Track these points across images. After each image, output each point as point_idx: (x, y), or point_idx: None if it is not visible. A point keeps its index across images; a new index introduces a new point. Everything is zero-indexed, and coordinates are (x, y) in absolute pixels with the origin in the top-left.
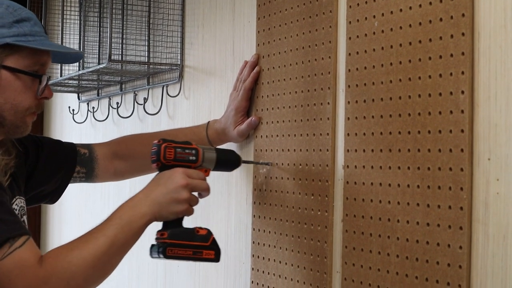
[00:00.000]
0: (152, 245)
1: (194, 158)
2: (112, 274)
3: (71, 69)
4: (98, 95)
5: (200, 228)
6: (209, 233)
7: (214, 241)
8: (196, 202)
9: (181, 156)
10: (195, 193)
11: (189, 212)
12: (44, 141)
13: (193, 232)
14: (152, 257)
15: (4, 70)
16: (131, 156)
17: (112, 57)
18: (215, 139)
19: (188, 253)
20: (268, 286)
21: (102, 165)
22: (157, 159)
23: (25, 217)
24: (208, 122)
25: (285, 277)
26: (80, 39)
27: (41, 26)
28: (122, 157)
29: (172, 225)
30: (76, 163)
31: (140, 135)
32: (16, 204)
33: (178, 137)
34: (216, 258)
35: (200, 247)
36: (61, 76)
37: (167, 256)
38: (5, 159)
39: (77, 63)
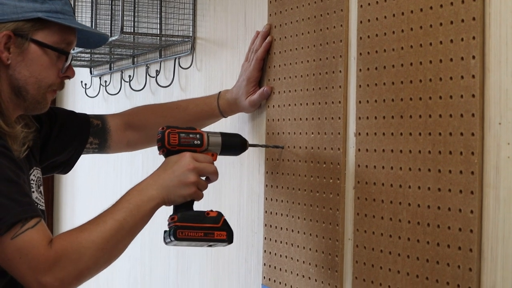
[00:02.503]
0: (165, 231)
1: (199, 142)
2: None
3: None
4: (110, 69)
5: (211, 211)
6: (219, 214)
7: (225, 222)
8: (205, 187)
9: (186, 140)
10: (203, 178)
11: (198, 195)
12: (58, 112)
13: (204, 215)
14: (165, 242)
15: (33, 44)
16: (144, 127)
17: (124, 29)
18: (226, 109)
19: (199, 234)
20: (280, 255)
21: (115, 136)
22: (162, 145)
23: (41, 188)
24: (220, 92)
25: (297, 246)
26: (92, 11)
27: (70, 7)
28: (135, 128)
29: (182, 208)
30: (89, 134)
31: (152, 106)
32: (34, 175)
33: (189, 107)
34: (228, 239)
35: (211, 228)
36: (73, 50)
37: (177, 239)
38: (24, 132)
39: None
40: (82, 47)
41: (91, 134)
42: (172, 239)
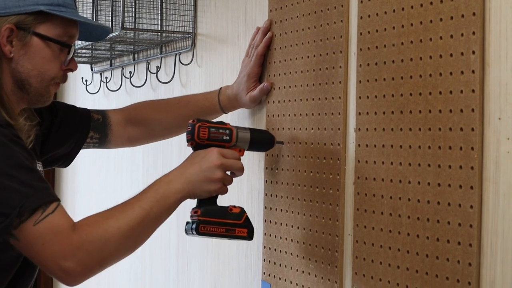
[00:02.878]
0: (187, 222)
1: (228, 138)
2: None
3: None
4: (111, 65)
5: (234, 206)
6: (242, 211)
7: (247, 219)
8: (230, 182)
9: (215, 135)
10: (229, 172)
11: (223, 191)
12: (59, 106)
13: (226, 210)
14: (187, 234)
15: (36, 37)
16: (145, 122)
17: (125, 25)
18: (227, 105)
19: (220, 230)
20: (280, 251)
21: (116, 131)
22: (191, 138)
23: None
24: (220, 88)
25: (297, 241)
26: (93, 8)
27: (72, 0)
28: (136, 123)
29: (206, 203)
30: (89, 128)
31: (153, 102)
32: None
33: (190, 103)
34: (249, 236)
35: (233, 225)
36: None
37: (199, 233)
38: (27, 124)
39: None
40: (85, 40)
41: (92, 128)
42: (194, 232)
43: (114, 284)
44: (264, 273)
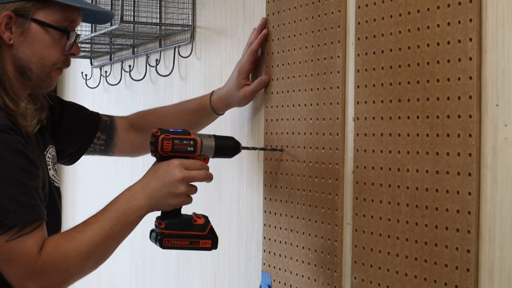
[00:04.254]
0: (151, 231)
1: (192, 148)
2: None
3: (83, 32)
4: (110, 59)
5: (198, 216)
6: (206, 221)
7: (211, 229)
8: (195, 191)
9: (179, 147)
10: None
11: (187, 202)
12: (69, 104)
13: (191, 222)
14: (151, 241)
15: (34, 23)
16: (146, 130)
17: (124, 18)
18: (219, 105)
19: (184, 243)
20: (280, 241)
21: (121, 135)
22: (155, 149)
23: (56, 166)
24: (213, 90)
25: (297, 231)
26: (92, 0)
27: None
28: (138, 129)
29: (170, 214)
30: (98, 127)
31: (155, 110)
32: (49, 153)
33: (186, 109)
34: (213, 246)
35: (197, 236)
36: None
37: (163, 247)
38: (29, 108)
39: (90, 24)
40: (91, 23)
41: (100, 128)
42: (157, 245)
43: (115, 278)
44: (264, 263)
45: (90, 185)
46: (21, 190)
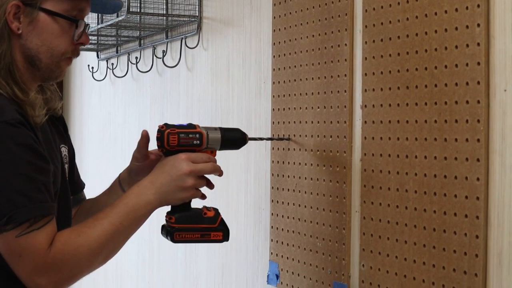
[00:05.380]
0: (163, 226)
1: (198, 142)
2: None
3: (90, 24)
4: (117, 52)
5: (208, 209)
6: (216, 214)
7: (222, 221)
8: (204, 184)
9: (185, 141)
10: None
11: (197, 195)
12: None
13: (201, 215)
14: (163, 236)
15: (43, 12)
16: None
17: (131, 9)
18: (124, 175)
19: (196, 236)
20: (287, 230)
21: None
22: (161, 145)
23: (66, 166)
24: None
25: (304, 220)
26: None
27: None
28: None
29: (180, 208)
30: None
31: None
32: (63, 151)
33: (107, 196)
34: (224, 238)
35: (208, 229)
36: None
37: (174, 241)
38: (38, 98)
39: (96, 15)
40: (101, 13)
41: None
42: (169, 239)
43: (122, 268)
44: (271, 253)
45: (97, 176)
46: (29, 184)
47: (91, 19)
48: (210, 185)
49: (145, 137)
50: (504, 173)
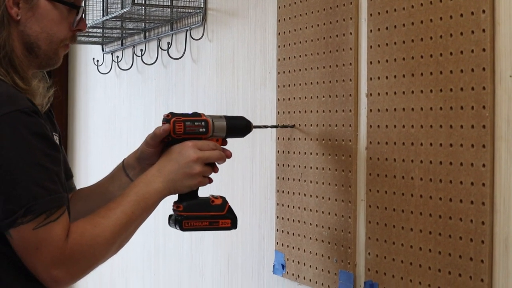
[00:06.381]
0: (170, 215)
1: (204, 130)
2: None
3: (94, 17)
4: (122, 45)
5: (215, 197)
6: (224, 202)
7: (229, 209)
8: (211, 172)
9: (191, 129)
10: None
11: (204, 183)
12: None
13: (208, 202)
14: (170, 226)
15: None
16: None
17: (136, 1)
18: (130, 161)
19: (204, 224)
20: (293, 220)
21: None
22: (167, 134)
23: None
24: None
25: (310, 209)
26: None
27: None
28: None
29: (187, 197)
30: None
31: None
32: (56, 139)
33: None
34: (232, 226)
35: (216, 217)
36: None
37: (183, 229)
38: (41, 86)
39: (101, 9)
40: None
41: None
42: (178, 228)
43: (128, 259)
44: (277, 243)
45: (102, 168)
46: (45, 175)
47: (96, 11)
48: (215, 169)
49: (166, 131)
50: (510, 159)
